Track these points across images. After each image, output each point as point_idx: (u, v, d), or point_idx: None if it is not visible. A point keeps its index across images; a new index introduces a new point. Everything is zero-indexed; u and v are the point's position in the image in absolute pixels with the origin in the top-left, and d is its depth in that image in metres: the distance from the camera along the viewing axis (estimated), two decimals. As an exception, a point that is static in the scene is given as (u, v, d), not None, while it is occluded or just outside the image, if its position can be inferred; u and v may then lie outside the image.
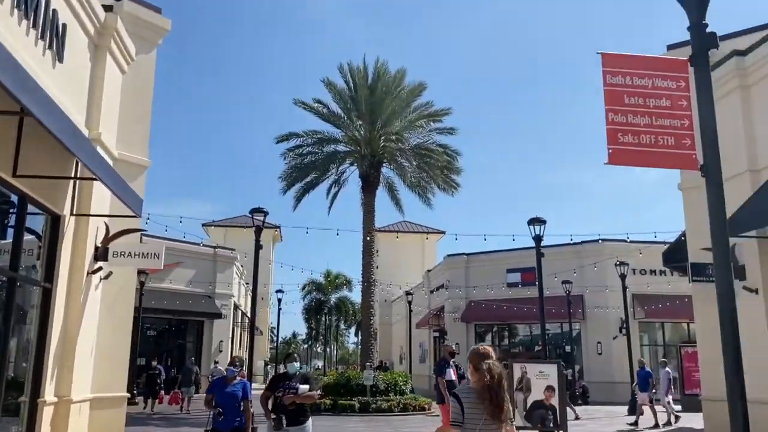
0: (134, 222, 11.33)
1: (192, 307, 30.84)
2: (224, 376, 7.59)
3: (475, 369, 3.87)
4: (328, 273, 55.20)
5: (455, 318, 34.49)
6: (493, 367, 3.72)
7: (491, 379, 3.68)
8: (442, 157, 22.79)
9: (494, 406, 3.66)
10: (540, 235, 15.78)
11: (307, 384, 6.97)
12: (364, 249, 22.81)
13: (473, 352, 4.04)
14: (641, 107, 5.00)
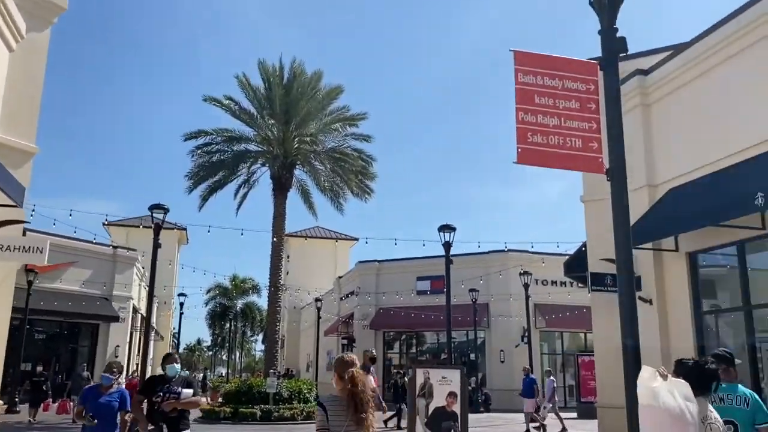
0: (15, 213, 10.37)
1: (86, 310, 29.00)
2: (98, 384, 6.73)
3: (339, 377, 3.92)
4: (234, 277, 53.73)
5: (364, 325, 34.33)
6: (357, 375, 3.78)
7: (354, 387, 3.73)
8: (357, 161, 22.61)
9: (357, 413, 3.72)
10: (449, 241, 15.85)
11: (190, 388, 6.32)
12: (272, 252, 22.20)
13: (338, 361, 4.05)
14: (551, 108, 4.93)
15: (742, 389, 4.58)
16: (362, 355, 11.92)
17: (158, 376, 6.55)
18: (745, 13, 10.09)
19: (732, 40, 10.31)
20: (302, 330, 52.44)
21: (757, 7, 9.83)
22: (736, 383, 4.65)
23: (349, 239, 58.14)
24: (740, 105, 10.18)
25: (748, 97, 10.01)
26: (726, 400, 4.44)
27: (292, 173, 22.90)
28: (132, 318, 34.42)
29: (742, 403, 4.43)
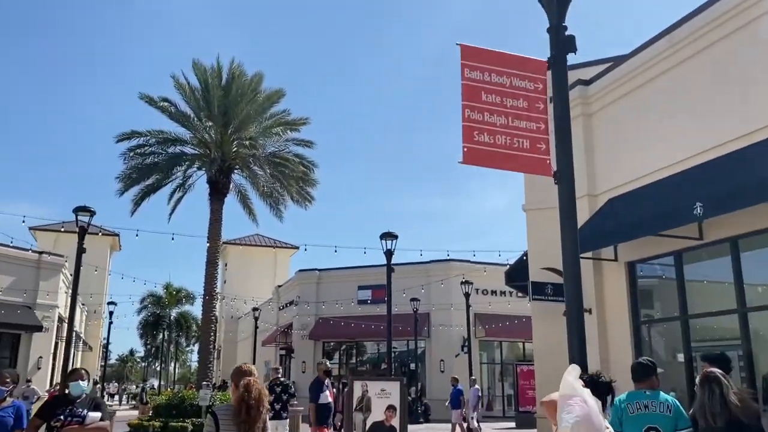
0: None
1: (6, 319, 27.27)
2: None
3: (235, 386, 3.87)
4: (168, 286, 51.91)
5: (303, 335, 33.68)
6: (252, 384, 3.72)
7: (248, 396, 3.67)
8: (298, 167, 22.09)
9: (247, 423, 3.67)
10: (391, 249, 15.57)
11: (97, 411, 5.42)
12: (208, 259, 21.39)
13: (235, 371, 4.05)
14: (498, 106, 4.70)
15: (664, 396, 4.64)
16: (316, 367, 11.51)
17: (60, 396, 5.73)
18: (680, 29, 10.27)
19: (669, 53, 10.47)
20: (239, 340, 51.17)
21: (692, 22, 10.00)
22: (659, 390, 4.72)
23: (289, 247, 57.23)
24: (679, 116, 10.32)
25: (686, 108, 10.15)
26: (650, 407, 4.54)
27: (229, 178, 22.17)
28: (58, 328, 32.64)
29: (665, 410, 4.51)
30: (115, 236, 53.74)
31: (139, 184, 21.56)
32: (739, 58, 9.33)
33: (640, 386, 4.74)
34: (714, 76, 9.73)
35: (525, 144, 4.69)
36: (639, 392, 4.69)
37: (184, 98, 21.87)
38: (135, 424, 19.97)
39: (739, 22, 9.27)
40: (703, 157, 9.46)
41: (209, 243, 21.47)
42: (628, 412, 4.58)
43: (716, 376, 4.38)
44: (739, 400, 4.23)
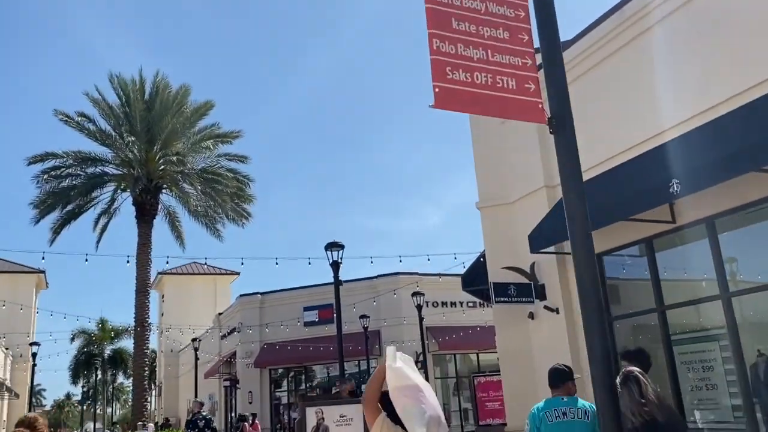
0: None
1: None
2: None
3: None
4: (102, 321, 48.79)
5: (248, 364, 31.84)
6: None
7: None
8: (232, 182, 20.71)
9: None
10: (338, 260, 14.39)
11: None
12: (137, 287, 19.64)
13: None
14: (474, 36, 3.66)
15: (582, 402, 4.61)
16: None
17: None
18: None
19: (634, 20, 9.75)
20: (180, 375, 48.45)
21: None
22: (576, 396, 4.68)
23: (228, 273, 54.99)
24: (649, 90, 9.59)
25: (659, 79, 9.42)
26: (569, 414, 4.46)
27: (157, 198, 20.57)
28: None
29: (584, 416, 4.46)
30: (41, 273, 50.30)
31: (57, 209, 19.72)
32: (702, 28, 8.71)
33: (557, 393, 4.63)
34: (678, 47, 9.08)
35: (510, 84, 3.67)
36: (556, 399, 4.57)
37: (102, 114, 20.21)
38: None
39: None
40: (674, 132, 8.76)
41: (138, 269, 19.77)
42: (547, 420, 4.45)
43: (635, 375, 4.34)
44: (656, 398, 4.24)
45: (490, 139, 12.66)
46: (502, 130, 12.34)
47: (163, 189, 20.83)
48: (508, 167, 12.35)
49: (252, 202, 21.98)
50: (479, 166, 12.91)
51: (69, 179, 19.68)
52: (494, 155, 12.63)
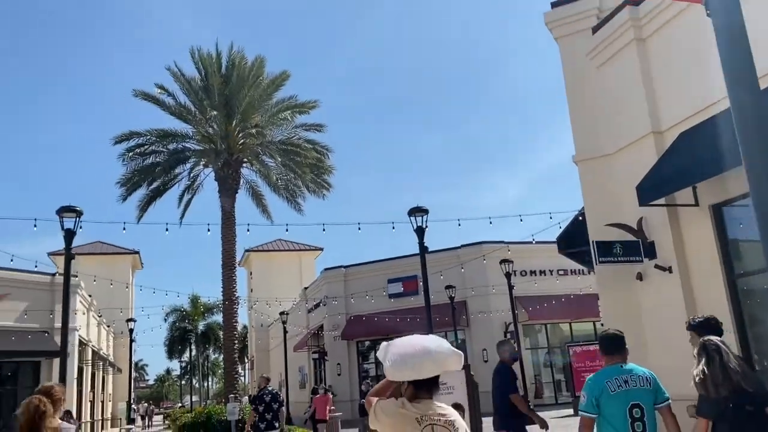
0: None
1: (25, 346, 25.98)
2: None
3: None
4: (194, 298, 50.54)
5: (335, 336, 31.99)
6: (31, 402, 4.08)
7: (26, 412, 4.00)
8: (311, 153, 20.36)
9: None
10: (422, 226, 13.71)
11: None
12: (223, 261, 19.76)
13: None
14: None
15: (640, 368, 4.44)
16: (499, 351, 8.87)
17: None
18: None
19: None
20: (271, 348, 49.67)
21: None
22: (632, 364, 4.45)
23: (312, 249, 55.73)
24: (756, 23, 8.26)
25: None
26: (630, 382, 4.22)
27: (238, 172, 20.55)
28: (80, 351, 31.33)
29: (645, 383, 4.26)
30: (136, 254, 52.68)
31: (143, 187, 20.01)
32: None
33: (615, 360, 4.36)
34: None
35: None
36: (615, 367, 4.29)
37: (182, 90, 20.28)
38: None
39: None
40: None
41: (223, 244, 19.86)
42: (609, 390, 4.15)
43: (715, 344, 4.07)
44: (740, 367, 3.98)
45: (587, 86, 11.55)
46: (600, 75, 11.23)
47: (244, 163, 20.77)
48: (607, 115, 11.22)
49: (331, 173, 21.61)
50: (575, 116, 11.81)
51: (153, 156, 19.93)
52: (592, 103, 11.51)
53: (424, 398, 2.75)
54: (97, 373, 39.03)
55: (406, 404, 2.72)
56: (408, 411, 2.68)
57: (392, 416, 2.70)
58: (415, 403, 2.73)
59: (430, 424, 2.67)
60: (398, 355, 2.75)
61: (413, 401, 2.74)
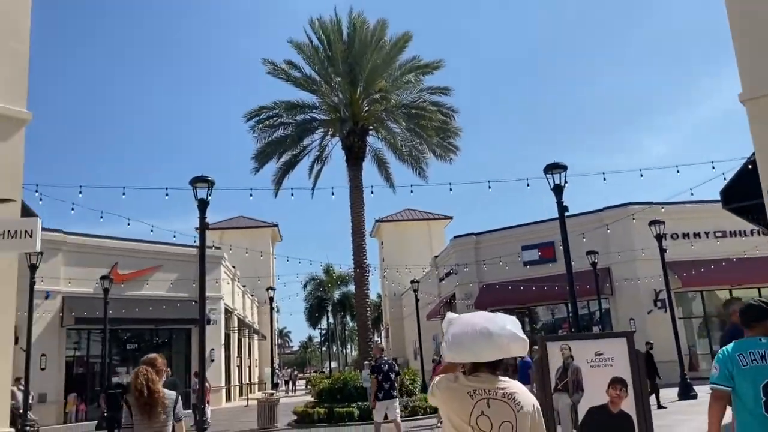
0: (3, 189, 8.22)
1: (176, 314, 27.80)
2: None
3: None
4: (328, 268, 51.94)
5: (468, 305, 31.27)
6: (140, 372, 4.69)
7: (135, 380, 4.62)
8: (436, 115, 19.54)
9: (141, 404, 4.62)
10: (561, 184, 12.51)
11: None
12: (353, 231, 19.63)
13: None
14: None
15: None
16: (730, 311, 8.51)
17: None
18: None
19: None
20: (405, 317, 50.04)
21: None
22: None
23: (441, 218, 55.19)
24: None
25: None
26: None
27: (364, 140, 20.22)
28: (226, 319, 33.16)
29: None
30: (275, 227, 54.99)
31: (273, 159, 20.27)
32: None
33: (754, 332, 3.83)
34: None
35: None
36: (752, 340, 3.78)
37: (305, 60, 20.15)
38: (300, 411, 18.84)
39: None
40: None
41: (352, 213, 19.71)
42: (740, 364, 3.65)
43: None
44: None
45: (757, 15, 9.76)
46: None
47: (369, 130, 20.41)
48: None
49: (458, 135, 20.69)
50: (742, 46, 10.04)
51: (281, 129, 20.10)
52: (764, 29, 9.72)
53: (483, 373, 2.55)
54: (243, 339, 41.34)
55: (460, 378, 2.56)
56: (460, 385, 2.52)
57: (444, 391, 2.56)
58: (471, 377, 2.55)
59: (485, 398, 2.48)
60: (456, 335, 2.55)
61: (470, 375, 2.56)
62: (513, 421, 2.45)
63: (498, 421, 2.43)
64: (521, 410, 2.47)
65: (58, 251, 25.05)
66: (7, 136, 8.78)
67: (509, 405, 2.47)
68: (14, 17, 9.10)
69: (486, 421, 2.43)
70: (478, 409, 2.45)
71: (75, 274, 25.13)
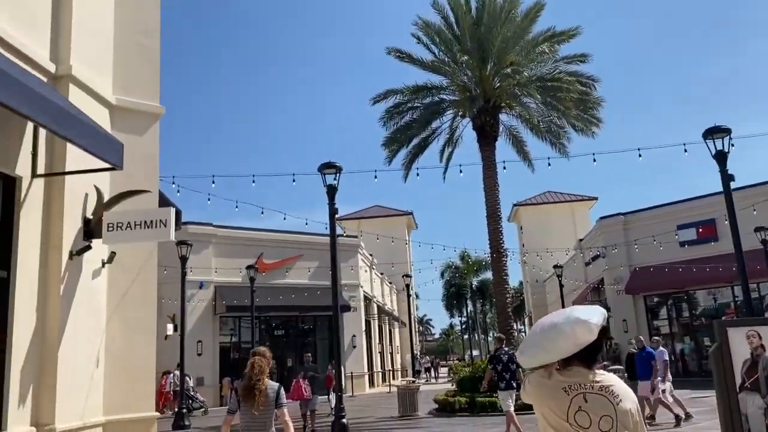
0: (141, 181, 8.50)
1: (318, 301, 28.58)
2: None
3: None
4: (464, 254, 51.11)
5: (618, 290, 29.23)
6: (255, 362, 5.06)
7: (251, 371, 4.98)
8: (575, 86, 18.13)
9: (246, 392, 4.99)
10: (724, 150, 10.94)
11: None
12: (488, 214, 18.83)
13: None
14: None
15: None
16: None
17: None
18: None
19: None
20: (549, 304, 48.11)
21: None
22: None
23: (586, 199, 52.35)
24: None
25: None
26: None
27: (496, 118, 19.30)
28: (366, 306, 33.62)
29: None
30: (410, 215, 55.19)
31: (404, 146, 19.95)
32: None
33: None
34: None
35: None
36: None
37: (432, 42, 19.56)
38: (441, 399, 18.46)
39: None
40: None
41: (486, 195, 18.92)
42: None
43: None
44: None
45: None
46: None
47: (502, 107, 19.46)
48: None
49: (600, 106, 19.14)
50: None
51: (410, 113, 19.70)
52: None
53: (575, 366, 2.46)
54: (384, 326, 41.84)
55: (554, 374, 2.48)
56: (554, 381, 2.45)
57: (537, 387, 2.50)
58: (564, 372, 2.46)
59: (581, 393, 2.41)
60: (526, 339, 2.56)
61: (564, 370, 2.47)
62: (612, 414, 2.35)
63: (597, 416, 2.34)
64: (620, 403, 2.38)
65: (209, 243, 26.61)
66: (143, 130, 9.08)
67: (607, 398, 2.39)
68: (145, 16, 9.40)
69: (584, 416, 2.35)
70: (575, 405, 2.38)
71: (224, 264, 26.57)
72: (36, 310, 7.06)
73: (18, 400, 6.69)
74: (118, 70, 8.94)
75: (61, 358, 7.14)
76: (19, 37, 7.04)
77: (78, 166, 7.54)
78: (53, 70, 7.63)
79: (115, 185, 8.39)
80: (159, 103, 9.32)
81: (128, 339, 8.43)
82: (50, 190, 7.45)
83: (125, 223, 7.93)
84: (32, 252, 7.09)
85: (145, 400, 8.54)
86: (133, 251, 8.58)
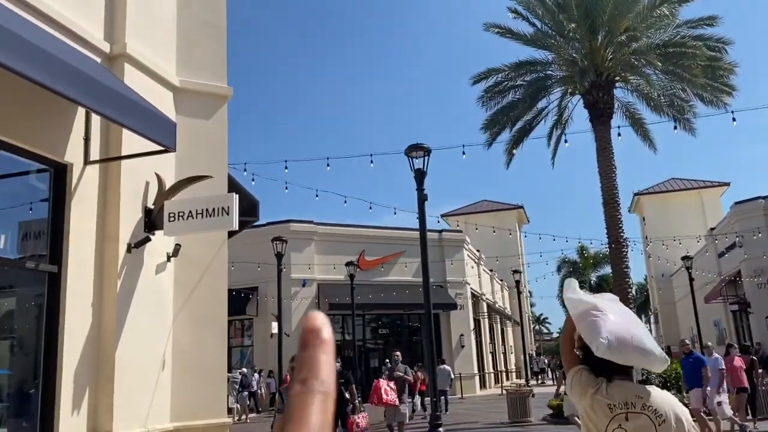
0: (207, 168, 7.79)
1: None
2: None
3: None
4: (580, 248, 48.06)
5: (759, 284, 25.95)
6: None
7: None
8: (702, 51, 15.83)
9: None
10: None
11: None
12: (604, 201, 16.95)
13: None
14: None
15: None
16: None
17: None
18: None
19: None
20: (677, 300, 44.24)
21: None
22: None
23: (716, 185, 47.64)
24: None
25: None
26: None
27: (611, 94, 17.34)
28: (474, 303, 32.16)
29: None
30: (520, 208, 52.84)
31: (506, 128, 18.47)
32: None
33: None
34: None
35: None
36: None
37: (531, 13, 17.93)
38: (555, 405, 16.82)
39: None
40: None
41: (602, 179, 17.06)
42: None
43: None
44: None
45: None
46: None
47: (616, 81, 17.50)
48: None
49: (732, 72, 16.68)
50: None
51: (511, 93, 18.13)
52: None
53: (619, 379, 2.46)
54: (495, 325, 40.09)
55: (602, 388, 2.44)
56: (601, 396, 2.42)
57: (585, 398, 2.47)
58: (609, 386, 2.43)
59: (624, 413, 2.38)
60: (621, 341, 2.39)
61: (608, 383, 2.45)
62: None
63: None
64: (663, 423, 2.35)
65: (311, 240, 26.34)
66: (211, 112, 8.42)
67: (649, 418, 2.36)
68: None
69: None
70: (615, 422, 2.38)
71: (326, 262, 26.20)
72: (91, 306, 6.51)
73: (71, 406, 6.15)
74: (182, 49, 8.32)
75: (119, 358, 6.54)
76: (71, 16, 6.52)
77: (133, 151, 6.95)
78: (107, 50, 7.08)
79: (180, 174, 7.76)
80: (227, 84, 8.64)
81: (197, 338, 7.76)
82: (106, 178, 6.90)
83: (186, 212, 7.24)
84: (86, 244, 6.54)
85: (217, 404, 7.86)
86: (200, 243, 7.91)
